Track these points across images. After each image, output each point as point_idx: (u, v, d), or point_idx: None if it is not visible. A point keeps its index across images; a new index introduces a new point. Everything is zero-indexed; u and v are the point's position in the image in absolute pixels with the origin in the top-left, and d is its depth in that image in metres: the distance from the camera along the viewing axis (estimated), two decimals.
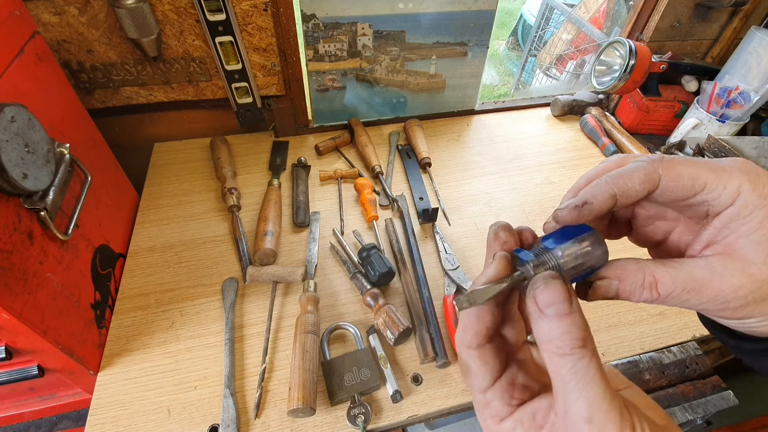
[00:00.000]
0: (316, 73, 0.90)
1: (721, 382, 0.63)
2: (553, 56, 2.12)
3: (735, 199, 0.23)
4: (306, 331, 0.58)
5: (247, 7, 0.76)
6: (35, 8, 0.68)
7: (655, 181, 0.24)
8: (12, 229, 0.45)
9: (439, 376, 0.59)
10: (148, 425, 0.54)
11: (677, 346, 0.65)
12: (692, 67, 1.00)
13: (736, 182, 0.22)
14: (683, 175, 0.23)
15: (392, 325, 0.59)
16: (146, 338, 0.62)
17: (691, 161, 0.24)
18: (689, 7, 0.97)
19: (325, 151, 0.93)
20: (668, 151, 0.96)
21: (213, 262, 0.72)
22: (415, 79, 0.97)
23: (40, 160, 0.48)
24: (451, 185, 0.89)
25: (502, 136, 1.02)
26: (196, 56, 0.80)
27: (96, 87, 0.80)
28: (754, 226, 0.22)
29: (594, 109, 1.07)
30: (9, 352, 0.51)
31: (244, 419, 0.55)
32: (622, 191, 0.24)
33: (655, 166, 0.24)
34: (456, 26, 0.91)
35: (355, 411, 0.54)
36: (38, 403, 0.61)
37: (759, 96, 0.87)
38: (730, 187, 0.23)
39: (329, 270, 0.72)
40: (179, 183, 0.85)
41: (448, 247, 0.75)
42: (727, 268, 0.23)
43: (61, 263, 0.54)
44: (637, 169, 0.24)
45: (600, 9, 2.09)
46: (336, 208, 0.82)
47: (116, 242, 0.71)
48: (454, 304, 0.24)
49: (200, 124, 0.93)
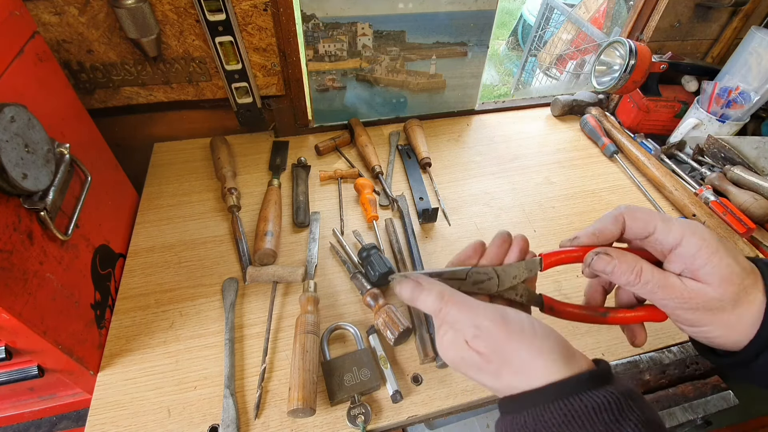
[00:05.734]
0: (316, 73, 0.90)
1: (721, 382, 0.63)
2: (553, 56, 2.12)
3: (679, 242, 0.33)
4: (306, 331, 0.58)
5: (247, 7, 0.76)
6: (35, 8, 0.68)
7: (621, 222, 0.36)
8: (12, 229, 0.45)
9: (439, 376, 0.59)
10: (148, 425, 0.54)
11: (677, 346, 0.65)
12: (692, 67, 1.00)
13: (679, 230, 0.33)
14: (638, 218, 0.35)
15: (392, 325, 0.59)
16: (146, 338, 0.62)
17: (648, 211, 0.35)
18: (689, 7, 0.97)
19: (325, 151, 0.93)
20: (668, 151, 0.96)
21: (213, 262, 0.72)
22: (415, 79, 0.97)
23: (40, 160, 0.48)
24: (451, 185, 0.89)
25: (502, 136, 1.02)
26: (196, 56, 0.80)
27: (96, 87, 0.80)
28: (703, 261, 0.32)
29: (594, 109, 1.07)
30: (9, 352, 0.51)
31: (244, 419, 0.55)
32: (600, 231, 0.37)
33: (620, 212, 0.36)
34: (456, 26, 0.91)
35: (355, 411, 0.54)
36: (38, 403, 0.61)
37: (759, 96, 0.87)
38: (673, 232, 0.33)
39: (329, 270, 0.72)
40: (179, 183, 0.85)
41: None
42: (692, 283, 0.32)
43: (61, 263, 0.54)
44: (609, 216, 0.37)
45: (600, 9, 2.09)
46: (336, 208, 0.82)
47: (116, 242, 0.71)
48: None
49: (200, 124, 0.93)
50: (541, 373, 0.29)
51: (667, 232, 0.33)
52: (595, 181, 0.92)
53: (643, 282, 0.33)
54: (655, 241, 0.34)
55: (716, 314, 0.32)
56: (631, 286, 0.34)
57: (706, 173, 0.90)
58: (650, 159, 0.92)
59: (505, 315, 0.32)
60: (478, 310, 0.33)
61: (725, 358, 0.34)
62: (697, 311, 0.32)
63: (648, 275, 0.33)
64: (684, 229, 0.33)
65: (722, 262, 0.31)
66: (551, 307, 0.38)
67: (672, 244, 0.33)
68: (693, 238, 0.32)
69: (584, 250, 0.37)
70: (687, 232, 0.33)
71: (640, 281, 0.33)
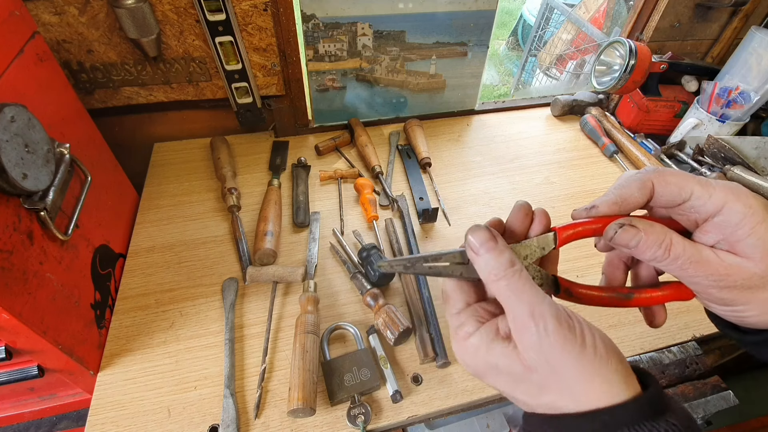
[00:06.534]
0: (316, 73, 0.90)
1: (721, 382, 0.63)
2: (553, 56, 2.12)
3: (720, 209, 0.28)
4: (306, 331, 0.58)
5: (247, 7, 0.76)
6: (35, 8, 0.68)
7: (650, 189, 0.30)
8: (12, 229, 0.45)
9: (439, 376, 0.59)
10: (148, 425, 0.54)
11: (677, 346, 0.65)
12: (692, 67, 1.00)
13: (722, 194, 0.28)
14: (671, 182, 0.29)
15: (392, 325, 0.59)
16: (146, 338, 0.62)
17: (681, 173, 0.30)
18: (689, 7, 0.97)
19: (325, 151, 0.93)
20: (668, 151, 0.96)
21: (213, 262, 0.72)
22: (415, 79, 0.97)
23: (40, 160, 0.48)
24: (451, 185, 0.89)
25: (502, 136, 1.02)
26: (196, 56, 0.80)
27: (96, 87, 0.80)
28: (747, 231, 0.27)
29: (594, 109, 1.07)
30: (9, 352, 0.51)
31: (244, 419, 0.55)
32: (623, 199, 0.31)
33: (648, 176, 0.30)
34: (456, 26, 0.91)
35: (355, 411, 0.54)
36: (38, 403, 0.61)
37: (759, 96, 0.87)
38: (715, 197, 0.28)
39: (329, 270, 0.72)
40: (179, 183, 0.85)
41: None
42: (729, 257, 0.28)
43: (61, 263, 0.54)
44: (634, 181, 0.30)
45: (600, 9, 2.09)
46: (336, 208, 0.82)
47: (116, 242, 0.71)
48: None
49: (200, 124, 0.93)
50: (596, 397, 0.24)
51: (706, 198, 0.28)
52: (595, 181, 0.92)
53: (672, 257, 0.28)
54: (690, 209, 0.29)
55: (755, 293, 0.27)
56: (658, 261, 0.29)
57: (706, 173, 0.90)
58: (650, 159, 0.92)
59: (568, 318, 0.26)
60: (543, 302, 0.26)
61: (750, 335, 0.30)
62: (734, 289, 0.27)
63: (678, 249, 0.28)
64: (727, 194, 0.28)
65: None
66: (568, 290, 0.33)
67: (711, 212, 0.28)
68: (737, 205, 0.27)
69: (603, 221, 0.31)
70: (731, 198, 0.27)
71: (670, 256, 0.28)
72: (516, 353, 0.26)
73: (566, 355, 0.25)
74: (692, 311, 0.68)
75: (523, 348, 0.26)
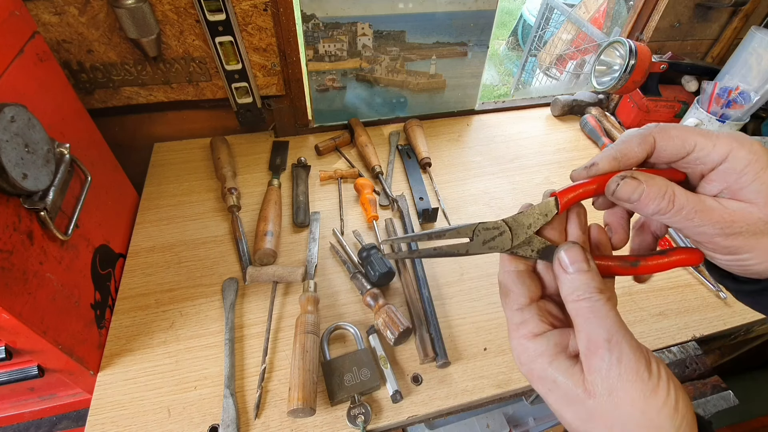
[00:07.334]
0: (316, 73, 0.90)
1: (721, 382, 0.63)
2: (553, 56, 2.12)
3: (725, 157, 0.27)
4: (306, 331, 0.58)
5: (247, 7, 0.76)
6: (35, 8, 0.68)
7: (651, 143, 0.29)
8: (12, 229, 0.45)
9: (439, 376, 0.59)
10: (148, 425, 0.54)
11: (677, 346, 0.65)
12: (692, 67, 1.00)
13: (726, 143, 0.27)
14: (674, 136, 0.29)
15: (392, 325, 0.59)
16: (146, 338, 0.62)
17: (683, 127, 0.29)
18: (689, 7, 0.97)
19: (325, 151, 0.93)
20: None
21: (213, 262, 0.72)
22: (415, 79, 0.97)
23: (40, 160, 0.48)
24: (451, 185, 0.89)
25: (502, 136, 1.02)
26: (196, 56, 0.80)
27: (96, 87, 0.80)
28: (752, 177, 0.27)
29: (594, 109, 1.07)
30: (9, 352, 0.51)
31: (244, 419, 0.55)
32: (623, 154, 0.30)
33: (649, 131, 0.29)
34: (456, 26, 0.91)
35: (355, 411, 0.54)
36: (38, 403, 0.61)
37: (759, 96, 0.87)
38: (719, 146, 0.27)
39: (329, 270, 0.72)
40: (179, 183, 0.85)
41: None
42: (732, 204, 0.28)
43: (61, 263, 0.54)
44: (635, 136, 0.30)
45: (600, 9, 2.09)
46: (336, 208, 0.82)
47: (116, 242, 0.71)
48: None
49: (200, 124, 0.93)
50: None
51: (710, 148, 0.28)
52: None
53: (677, 208, 0.28)
54: (695, 161, 0.29)
55: (760, 239, 0.27)
56: (662, 214, 0.28)
57: None
58: None
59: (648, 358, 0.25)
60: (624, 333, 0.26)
61: (748, 285, 0.30)
62: (739, 236, 0.27)
63: (682, 199, 0.28)
64: (731, 142, 0.27)
65: None
66: None
67: (716, 161, 0.28)
68: (741, 151, 0.27)
69: (603, 179, 0.31)
70: (735, 145, 0.27)
71: (674, 207, 0.28)
72: (580, 375, 0.26)
73: (633, 393, 0.24)
74: (692, 311, 0.68)
75: (589, 371, 0.25)
